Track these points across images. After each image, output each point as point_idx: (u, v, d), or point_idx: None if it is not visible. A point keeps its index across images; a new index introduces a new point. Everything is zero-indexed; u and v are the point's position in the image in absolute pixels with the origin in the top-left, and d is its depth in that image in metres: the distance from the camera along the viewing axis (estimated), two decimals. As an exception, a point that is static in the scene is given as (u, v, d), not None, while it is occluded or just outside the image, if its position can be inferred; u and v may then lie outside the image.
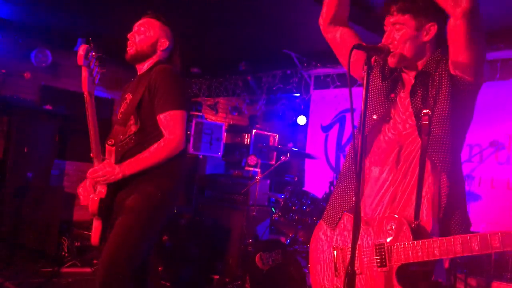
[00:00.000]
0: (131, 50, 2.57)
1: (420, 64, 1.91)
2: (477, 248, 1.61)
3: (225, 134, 7.04)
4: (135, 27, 2.62)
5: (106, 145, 2.38)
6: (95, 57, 2.18)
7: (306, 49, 5.57)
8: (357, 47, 1.70)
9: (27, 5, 5.19)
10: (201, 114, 6.93)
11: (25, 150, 5.17)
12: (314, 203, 3.78)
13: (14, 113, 5.16)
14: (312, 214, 3.75)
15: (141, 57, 2.57)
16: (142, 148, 2.41)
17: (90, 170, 2.37)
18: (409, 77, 1.95)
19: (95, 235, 2.45)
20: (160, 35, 2.60)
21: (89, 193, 2.43)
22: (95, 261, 5.45)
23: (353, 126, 1.72)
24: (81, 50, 2.11)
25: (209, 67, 6.93)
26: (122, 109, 2.60)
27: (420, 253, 1.71)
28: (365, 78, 1.73)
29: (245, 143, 7.38)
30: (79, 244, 5.68)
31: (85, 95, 2.25)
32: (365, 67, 1.71)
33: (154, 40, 2.57)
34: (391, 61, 1.87)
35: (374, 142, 1.99)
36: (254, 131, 7.30)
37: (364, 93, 1.72)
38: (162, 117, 2.42)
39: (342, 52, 2.11)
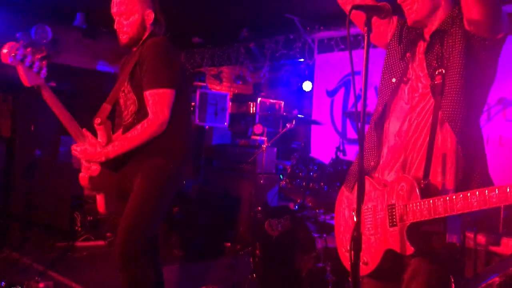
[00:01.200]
0: (123, 38, 2.51)
1: (436, 23, 1.88)
2: (476, 204, 1.59)
3: (230, 103, 7.00)
4: (116, 13, 2.51)
5: (95, 125, 2.38)
6: (30, 53, 2.10)
7: (308, 12, 5.45)
8: (356, 7, 1.65)
9: (23, -19, 5.12)
10: (205, 84, 6.88)
11: (32, 128, 5.19)
12: (320, 169, 3.77)
13: (19, 91, 5.15)
14: (319, 179, 3.74)
15: (136, 40, 2.52)
16: None
17: (72, 146, 2.40)
18: (425, 37, 1.92)
19: (100, 205, 2.55)
20: (142, 8, 2.50)
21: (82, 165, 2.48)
22: (108, 234, 5.55)
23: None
24: (5, 48, 2.04)
25: (211, 36, 6.84)
26: (117, 86, 2.58)
27: (425, 212, 1.71)
28: (366, 39, 1.69)
29: (251, 112, 7.36)
30: (91, 218, 5.77)
31: (34, 89, 2.19)
32: (365, 28, 1.68)
33: (140, 19, 2.49)
34: (408, 18, 1.87)
35: (394, 105, 1.99)
36: (259, 99, 7.26)
37: (365, 56, 1.68)
38: (147, 94, 2.39)
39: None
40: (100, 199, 2.53)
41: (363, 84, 1.69)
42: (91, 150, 2.35)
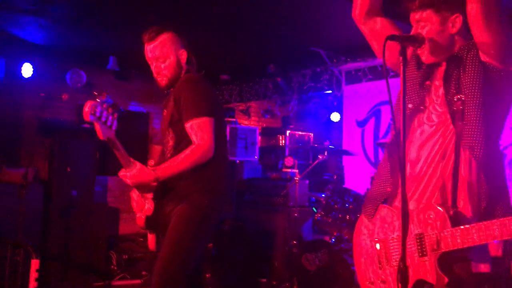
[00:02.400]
0: (163, 81, 2.58)
1: (452, 51, 1.88)
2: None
3: (260, 137, 7.05)
4: (151, 59, 2.58)
5: (149, 167, 2.43)
6: (106, 108, 2.18)
7: (334, 45, 5.51)
8: (391, 38, 1.67)
9: (59, 29, 5.35)
10: (234, 119, 6.97)
11: (68, 170, 5.31)
12: (356, 200, 3.73)
13: (55, 134, 5.31)
14: (356, 211, 3.70)
15: (175, 80, 2.58)
16: None
17: (120, 172, 2.40)
18: (442, 62, 1.92)
19: (151, 243, 2.59)
20: (175, 49, 2.57)
21: (138, 200, 2.52)
22: (143, 273, 5.55)
23: (392, 118, 1.70)
24: (86, 107, 2.11)
25: (238, 73, 6.96)
26: (161, 126, 2.67)
27: (459, 240, 1.68)
28: (401, 69, 1.70)
29: (280, 144, 7.38)
30: (126, 257, 5.81)
31: (106, 141, 2.26)
32: (400, 57, 1.69)
33: (175, 60, 2.57)
34: (423, 57, 1.87)
35: (410, 133, 1.97)
36: (288, 132, 7.28)
37: (401, 84, 1.69)
38: (188, 126, 2.44)
39: (380, 43, 2.09)
40: (151, 238, 2.56)
41: (401, 114, 1.69)
42: (141, 171, 2.36)
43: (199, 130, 2.41)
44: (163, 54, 2.55)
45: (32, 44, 5.73)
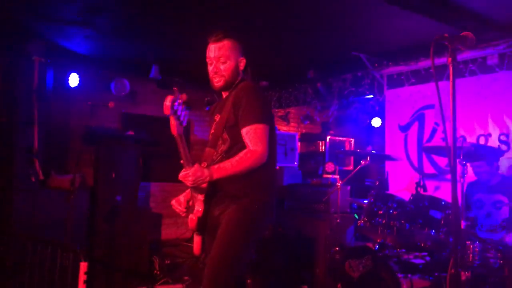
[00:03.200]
0: (219, 81, 2.64)
1: None
2: None
3: (299, 143, 7.01)
4: (212, 57, 2.65)
5: None
6: (181, 104, 2.23)
7: (375, 49, 5.44)
8: (440, 38, 1.63)
9: (103, 39, 5.52)
10: (273, 126, 6.96)
11: (113, 176, 5.44)
12: (401, 206, 3.65)
13: (100, 142, 5.47)
14: (400, 217, 3.62)
15: (230, 84, 2.66)
16: None
17: (181, 172, 2.42)
18: None
19: (196, 247, 2.62)
20: (237, 55, 2.67)
21: (181, 204, 2.59)
22: (185, 278, 5.62)
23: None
24: (168, 101, 2.16)
25: (277, 79, 6.97)
26: (212, 130, 2.71)
27: None
28: (450, 69, 1.66)
29: (320, 150, 7.32)
30: (169, 261, 5.89)
31: (175, 137, 2.32)
32: (449, 58, 1.65)
33: (234, 64, 2.66)
34: None
35: None
36: (328, 137, 7.22)
37: (451, 85, 1.65)
38: (244, 131, 2.49)
39: None
40: (197, 241, 2.60)
41: (449, 116, 1.65)
42: (198, 170, 2.39)
43: (255, 136, 2.47)
44: (225, 55, 2.63)
45: (78, 55, 5.94)
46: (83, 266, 3.10)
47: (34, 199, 4.92)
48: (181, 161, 2.41)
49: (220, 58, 2.62)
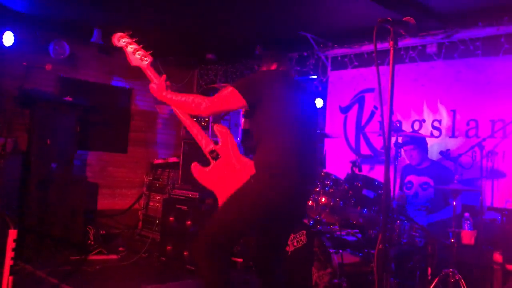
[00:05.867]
0: None
1: None
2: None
3: (243, 119, 7.03)
4: None
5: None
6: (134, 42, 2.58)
7: (322, 30, 5.50)
8: (382, 21, 1.68)
9: (43, -3, 5.21)
10: (218, 100, 6.93)
11: (48, 142, 5.24)
12: (336, 184, 3.77)
13: (36, 105, 5.22)
14: (335, 195, 3.74)
15: None
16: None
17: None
18: None
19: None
20: None
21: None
22: (120, 248, 5.56)
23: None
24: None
25: (224, 53, 6.91)
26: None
27: None
28: (391, 53, 1.71)
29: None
30: (104, 232, 5.80)
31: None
32: (391, 42, 1.70)
33: None
34: None
35: None
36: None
37: (390, 70, 1.71)
38: None
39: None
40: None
41: (387, 100, 1.71)
42: (160, 85, 2.78)
43: (218, 93, 2.64)
44: None
45: (14, 12, 5.56)
46: (12, 233, 2.99)
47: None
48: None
49: None
